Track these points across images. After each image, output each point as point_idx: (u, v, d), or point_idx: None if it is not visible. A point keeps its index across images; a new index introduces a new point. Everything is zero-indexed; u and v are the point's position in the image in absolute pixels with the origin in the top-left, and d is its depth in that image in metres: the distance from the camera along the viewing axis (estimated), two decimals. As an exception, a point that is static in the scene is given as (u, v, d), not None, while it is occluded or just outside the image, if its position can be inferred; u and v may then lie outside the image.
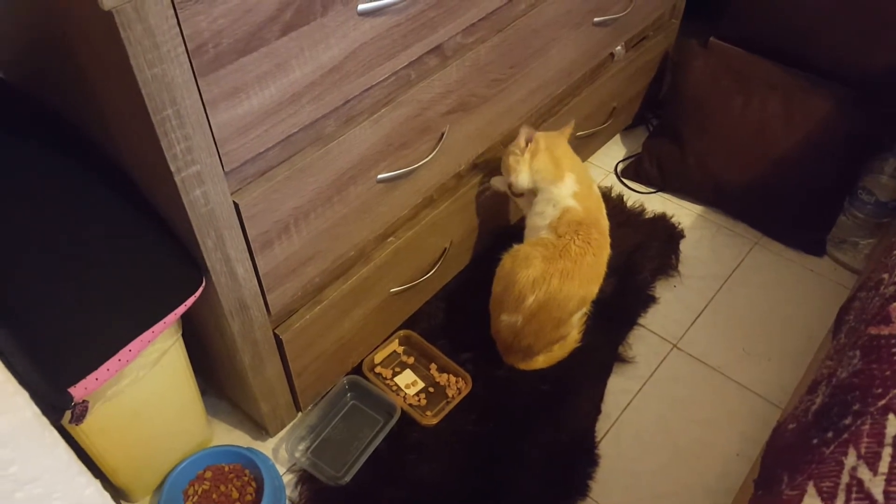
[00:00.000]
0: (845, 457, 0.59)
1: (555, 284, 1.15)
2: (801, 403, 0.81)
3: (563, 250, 1.16)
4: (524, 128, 1.24)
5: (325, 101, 0.88)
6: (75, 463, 0.48)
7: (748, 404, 1.28)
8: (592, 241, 1.18)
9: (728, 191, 1.59)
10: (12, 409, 0.43)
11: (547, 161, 1.22)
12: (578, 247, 1.17)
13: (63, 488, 0.45)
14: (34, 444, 0.43)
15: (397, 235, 1.19)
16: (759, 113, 1.54)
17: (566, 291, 1.16)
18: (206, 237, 0.84)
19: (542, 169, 1.22)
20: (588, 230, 1.18)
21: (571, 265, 1.16)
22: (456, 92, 1.10)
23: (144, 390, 0.96)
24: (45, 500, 0.44)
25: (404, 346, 1.35)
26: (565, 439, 1.21)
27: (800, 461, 0.63)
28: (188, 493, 1.15)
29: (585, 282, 1.18)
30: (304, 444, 1.21)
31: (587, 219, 1.20)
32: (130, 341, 0.82)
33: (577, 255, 1.16)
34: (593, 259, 1.18)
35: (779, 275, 1.51)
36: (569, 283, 1.16)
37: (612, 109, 1.62)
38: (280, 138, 0.85)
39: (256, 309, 0.98)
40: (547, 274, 1.15)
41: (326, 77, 0.85)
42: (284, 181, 0.89)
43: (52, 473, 0.44)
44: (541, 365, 1.29)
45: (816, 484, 0.58)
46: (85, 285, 0.82)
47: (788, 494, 0.58)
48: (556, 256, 1.16)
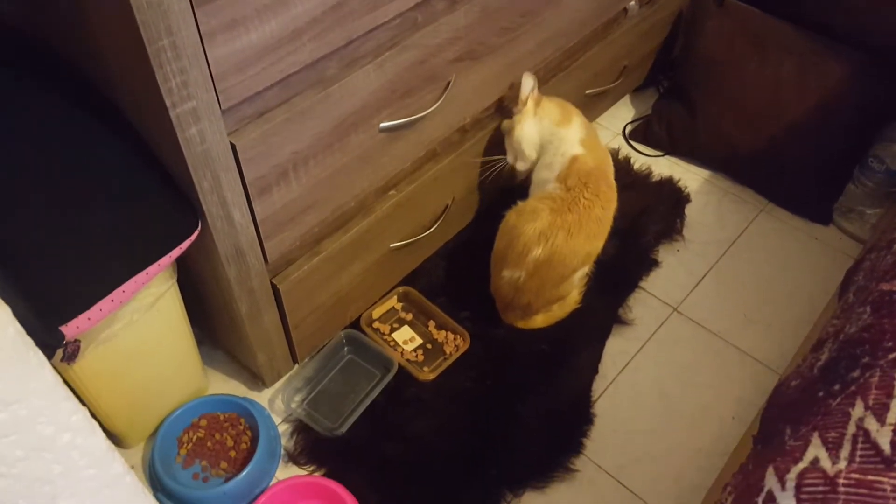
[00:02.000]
0: (852, 408, 0.58)
1: (561, 238, 1.13)
2: (804, 361, 0.80)
3: (571, 203, 1.14)
4: (525, 75, 1.21)
5: (327, 40, 0.85)
6: (62, 387, 0.47)
7: (747, 370, 1.27)
8: (601, 193, 1.16)
9: (737, 156, 1.56)
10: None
11: (552, 107, 1.21)
12: (587, 199, 1.15)
13: (49, 413, 0.44)
14: (18, 364, 0.42)
15: (399, 189, 1.17)
16: (773, 77, 1.50)
17: (572, 246, 1.14)
18: (202, 178, 0.81)
19: (548, 114, 1.21)
20: (597, 182, 1.16)
21: (579, 219, 1.14)
22: (464, 39, 1.06)
23: (139, 335, 0.95)
24: (29, 423, 0.43)
25: (403, 303, 1.34)
26: (562, 398, 1.21)
27: (804, 414, 0.62)
28: (182, 440, 1.15)
29: (592, 236, 1.16)
30: (300, 395, 1.21)
31: (596, 170, 1.18)
32: (124, 282, 0.80)
33: (585, 208, 1.14)
34: (601, 213, 1.16)
35: (783, 242, 1.49)
36: (575, 237, 1.14)
37: (623, 68, 1.58)
38: (279, 77, 0.82)
39: (253, 256, 0.96)
40: (554, 227, 1.13)
41: (329, 14, 0.82)
42: (283, 123, 0.86)
43: (37, 396, 0.43)
44: (539, 324, 1.28)
45: (821, 434, 0.57)
46: (79, 226, 0.80)
47: (792, 445, 0.58)
48: (563, 209, 1.14)
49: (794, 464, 0.55)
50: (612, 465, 1.14)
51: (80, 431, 0.49)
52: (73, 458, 0.49)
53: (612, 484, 1.13)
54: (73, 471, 0.49)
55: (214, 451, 1.14)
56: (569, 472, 1.13)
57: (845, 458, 0.54)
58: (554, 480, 1.12)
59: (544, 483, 1.12)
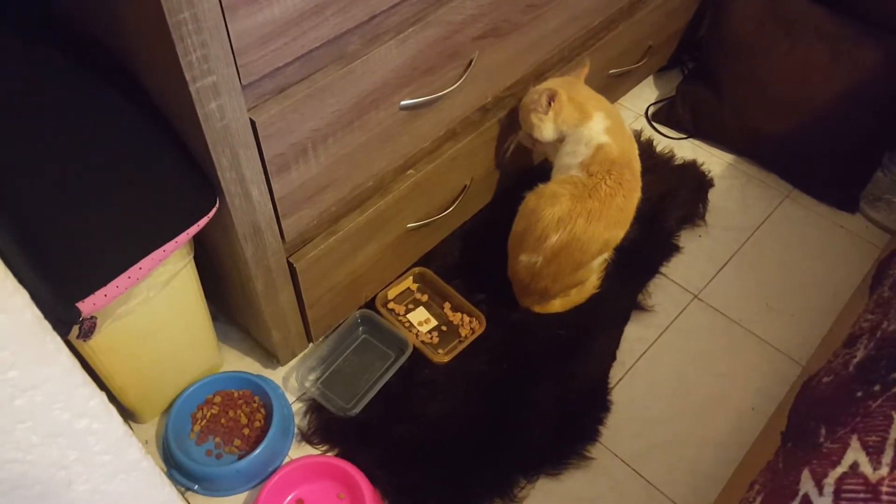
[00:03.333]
0: (895, 411, 0.56)
1: (580, 225, 1.11)
2: (836, 357, 0.78)
3: (592, 190, 1.12)
4: (537, 89, 1.18)
5: (350, 15, 0.82)
6: (79, 373, 0.46)
7: (767, 360, 1.25)
8: (624, 182, 1.13)
9: (762, 140, 1.52)
10: (10, 310, 0.40)
11: (571, 110, 1.17)
12: (609, 187, 1.12)
13: (65, 398, 0.43)
14: (35, 349, 0.41)
15: (417, 168, 1.14)
16: (802, 60, 1.45)
17: (591, 233, 1.12)
18: (221, 155, 0.80)
19: (567, 119, 1.18)
20: (621, 170, 1.13)
21: (599, 206, 1.11)
22: (488, 15, 1.03)
23: (154, 311, 0.94)
24: (46, 410, 0.42)
25: (418, 284, 1.33)
26: (578, 384, 1.19)
27: (840, 414, 0.60)
28: (196, 416, 1.15)
29: (612, 225, 1.14)
30: (314, 374, 1.20)
31: (621, 158, 1.14)
32: (141, 259, 0.79)
33: (606, 195, 1.11)
34: (623, 201, 1.14)
35: (808, 230, 1.46)
36: (595, 224, 1.11)
37: (648, 48, 1.54)
38: (301, 53, 0.80)
39: (271, 234, 0.95)
40: (574, 213, 1.11)
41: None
42: (303, 100, 0.84)
43: (53, 382, 0.42)
44: (557, 309, 1.27)
45: (861, 438, 0.55)
46: (97, 201, 0.79)
47: (829, 447, 0.56)
48: (584, 196, 1.12)
49: (831, 468, 0.53)
50: (628, 453, 1.13)
51: (97, 417, 0.48)
52: (89, 444, 0.48)
53: (627, 472, 1.12)
54: (89, 456, 0.48)
55: (228, 429, 1.14)
56: (584, 459, 1.12)
57: (888, 465, 0.52)
58: (569, 467, 1.11)
59: (558, 470, 1.11)
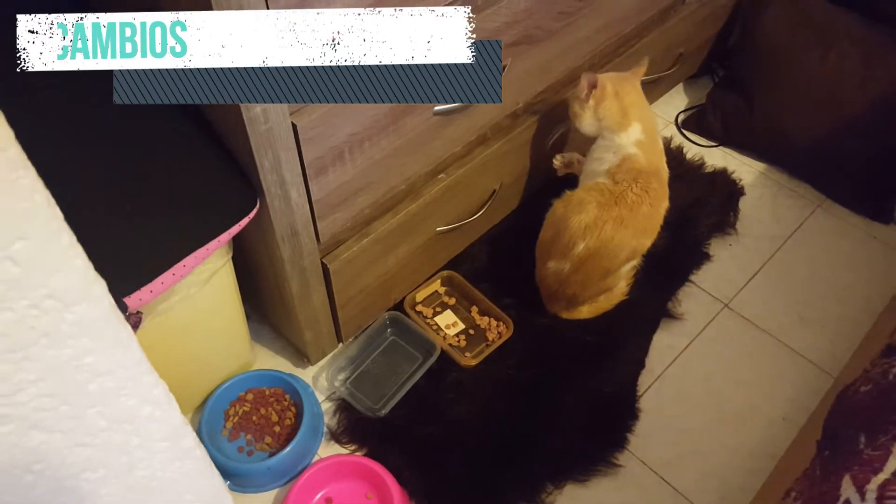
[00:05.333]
0: (938, 420, 0.56)
1: (607, 232, 1.11)
2: (874, 366, 0.77)
3: (619, 197, 1.12)
4: (585, 74, 1.17)
5: (390, 21, 0.84)
6: (145, 361, 0.48)
7: (798, 370, 1.24)
8: (651, 190, 1.13)
9: (794, 149, 1.51)
10: (92, 298, 0.42)
11: (614, 108, 1.15)
12: (636, 195, 1.12)
13: (132, 385, 0.45)
14: (110, 337, 0.43)
15: (448, 173, 1.16)
16: (835, 69, 1.44)
17: (618, 241, 1.12)
18: (264, 157, 0.82)
19: (607, 116, 1.16)
20: (647, 179, 1.13)
21: (627, 213, 1.11)
22: (522, 22, 1.04)
23: (194, 308, 0.97)
24: (114, 395, 0.44)
25: (447, 287, 1.34)
26: (606, 391, 1.19)
27: (881, 422, 0.60)
28: (229, 413, 1.17)
29: (639, 232, 1.14)
30: (343, 374, 1.22)
31: (648, 168, 1.14)
32: (185, 257, 0.82)
33: (633, 203, 1.12)
34: (649, 209, 1.14)
35: (840, 240, 1.44)
36: (622, 231, 1.12)
37: (679, 55, 1.54)
38: (342, 58, 0.82)
39: (307, 236, 0.97)
40: (600, 220, 1.11)
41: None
42: (343, 104, 0.86)
43: (124, 368, 0.44)
44: (585, 315, 1.27)
45: (903, 446, 0.55)
46: (142, 199, 0.81)
47: (870, 454, 0.56)
48: (611, 203, 1.12)
49: (873, 474, 0.53)
50: (657, 461, 1.13)
51: (159, 405, 0.50)
52: (151, 431, 0.50)
53: (655, 480, 1.11)
54: (150, 443, 0.50)
55: (259, 426, 1.16)
56: (612, 466, 1.12)
57: (931, 471, 0.52)
58: (596, 474, 1.11)
59: (586, 476, 1.11)
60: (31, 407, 0.43)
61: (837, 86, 1.43)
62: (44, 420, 0.44)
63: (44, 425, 0.44)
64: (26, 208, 0.38)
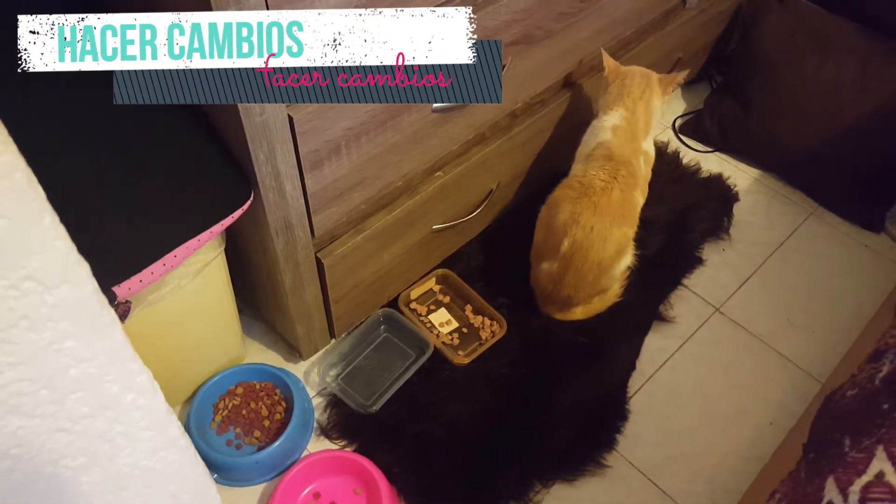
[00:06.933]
0: (923, 423, 0.56)
1: (585, 222, 1.13)
2: (861, 371, 0.78)
3: (588, 187, 1.15)
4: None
5: (389, 17, 0.84)
6: (129, 348, 0.47)
7: (787, 375, 1.25)
8: (619, 177, 1.15)
9: (789, 156, 1.52)
10: (74, 281, 0.42)
11: (613, 92, 1.23)
12: (603, 181, 1.15)
13: (116, 371, 0.45)
14: (92, 321, 0.43)
15: (445, 171, 1.16)
16: (832, 77, 1.45)
17: (598, 229, 1.12)
18: (259, 149, 0.82)
19: (605, 96, 1.23)
20: (616, 166, 1.16)
21: (599, 200, 1.14)
22: (522, 22, 1.04)
23: (184, 300, 0.96)
24: (97, 381, 0.44)
25: (441, 285, 1.34)
26: (597, 391, 1.20)
27: (866, 425, 0.60)
28: (218, 406, 1.16)
29: (618, 219, 1.14)
30: (335, 370, 1.22)
31: (619, 156, 1.17)
32: (176, 247, 0.81)
33: (602, 189, 1.14)
34: (621, 195, 1.15)
35: (832, 248, 1.45)
36: (600, 219, 1.12)
37: (677, 60, 1.54)
38: (341, 52, 0.82)
39: (301, 230, 0.96)
40: (575, 213, 1.13)
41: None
42: (341, 98, 0.85)
43: (107, 355, 0.44)
44: (578, 316, 1.27)
45: (887, 448, 0.55)
46: (135, 189, 0.81)
47: (854, 457, 0.56)
48: (581, 195, 1.15)
49: (857, 476, 0.54)
50: (645, 462, 1.13)
51: (143, 392, 0.50)
52: (134, 419, 0.49)
53: (643, 482, 1.12)
54: (133, 431, 0.50)
55: (249, 420, 1.15)
56: (600, 466, 1.12)
57: (914, 474, 0.52)
58: (584, 474, 1.11)
59: (574, 476, 1.11)
60: (10, 391, 0.42)
61: (834, 94, 1.44)
62: (22, 404, 0.43)
63: (22, 410, 0.43)
64: (6, 186, 0.37)
